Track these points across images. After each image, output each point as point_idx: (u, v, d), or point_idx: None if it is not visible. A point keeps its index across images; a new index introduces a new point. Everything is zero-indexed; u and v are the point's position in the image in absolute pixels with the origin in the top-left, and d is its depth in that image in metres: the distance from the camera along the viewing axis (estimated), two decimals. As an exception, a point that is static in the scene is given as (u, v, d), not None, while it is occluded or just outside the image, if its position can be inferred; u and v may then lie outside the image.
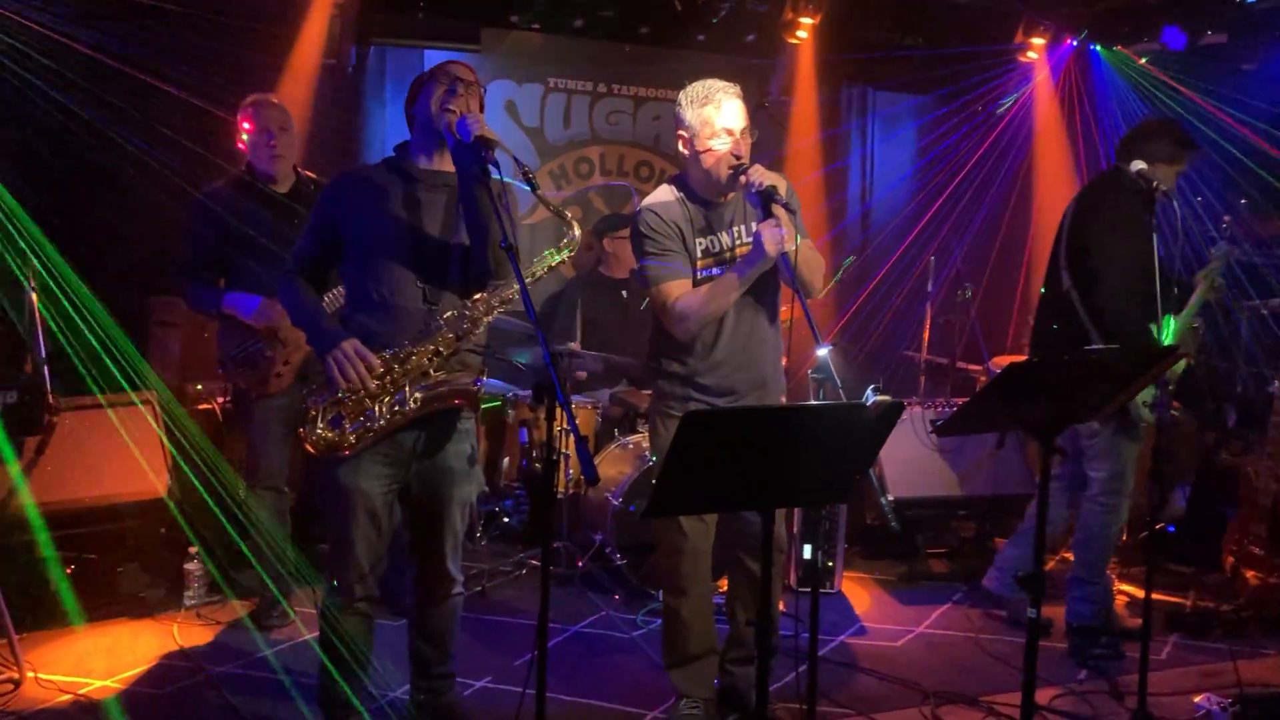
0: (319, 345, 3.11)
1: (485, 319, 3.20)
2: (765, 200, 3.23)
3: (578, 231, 3.29)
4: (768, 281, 3.50)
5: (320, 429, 3.08)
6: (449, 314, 3.14)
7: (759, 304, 3.54)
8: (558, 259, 3.30)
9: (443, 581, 3.34)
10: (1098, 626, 4.42)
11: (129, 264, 5.05)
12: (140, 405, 4.86)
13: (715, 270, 3.47)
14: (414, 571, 3.40)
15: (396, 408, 3.08)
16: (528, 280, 3.15)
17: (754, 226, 3.44)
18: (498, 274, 3.13)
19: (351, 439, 3.07)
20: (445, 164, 3.18)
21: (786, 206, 3.23)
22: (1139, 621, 4.44)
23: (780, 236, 3.20)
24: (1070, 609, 4.49)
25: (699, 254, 3.48)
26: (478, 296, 3.19)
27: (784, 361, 3.83)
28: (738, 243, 3.51)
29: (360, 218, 3.15)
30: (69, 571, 4.68)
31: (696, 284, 3.45)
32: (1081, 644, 4.38)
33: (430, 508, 3.27)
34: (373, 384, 3.04)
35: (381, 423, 3.08)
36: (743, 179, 3.31)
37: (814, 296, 3.48)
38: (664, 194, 3.54)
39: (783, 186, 3.27)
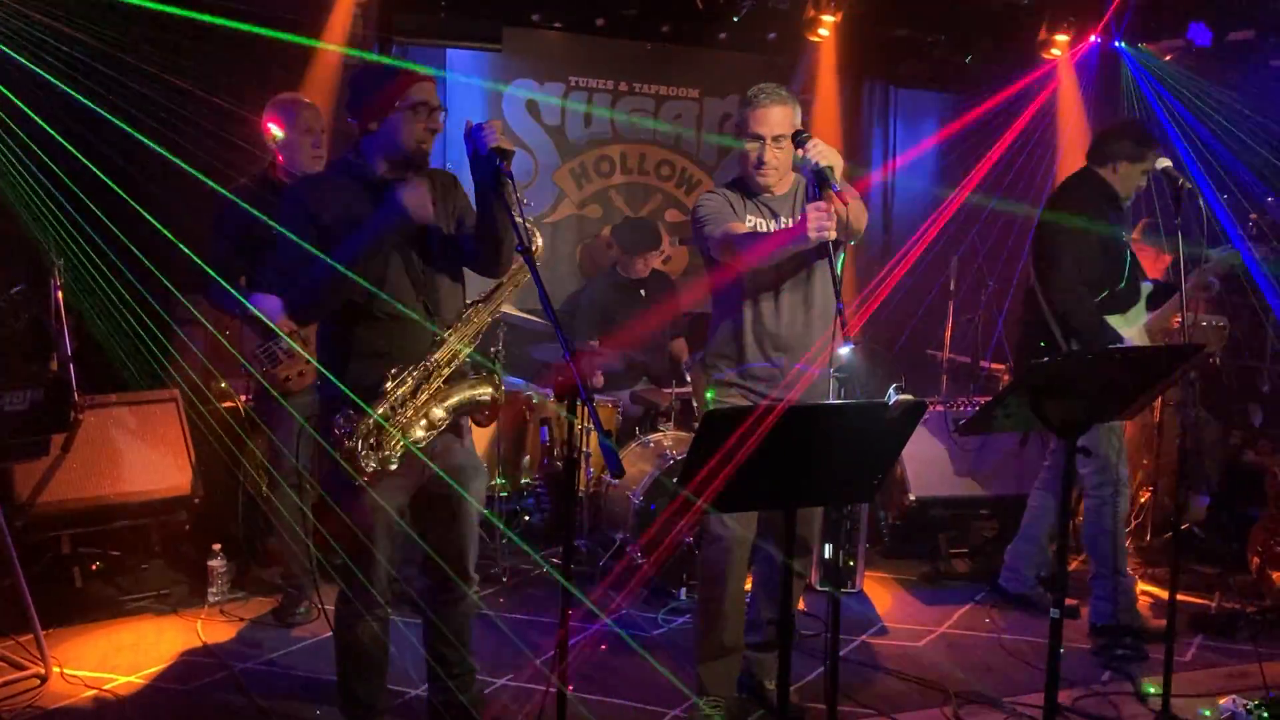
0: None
1: (486, 323, 3.22)
2: (819, 180, 3.18)
3: (540, 244, 3.26)
4: (815, 265, 3.53)
5: (364, 456, 3.03)
6: (454, 325, 3.15)
7: (811, 287, 3.57)
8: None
9: (462, 581, 3.33)
10: (1120, 625, 4.40)
11: (153, 262, 5.08)
12: (164, 404, 4.90)
13: None
14: (429, 572, 3.38)
15: (428, 423, 3.09)
16: (512, 289, 3.23)
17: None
18: (503, 274, 3.20)
19: (391, 462, 3.06)
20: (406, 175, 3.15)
21: (840, 195, 3.17)
22: (1164, 622, 4.44)
23: (825, 223, 3.13)
24: (1092, 608, 4.47)
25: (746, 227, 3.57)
26: (474, 305, 3.21)
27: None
28: None
29: (344, 226, 3.04)
30: (94, 568, 4.72)
31: None
32: (1105, 643, 4.36)
33: (446, 508, 3.26)
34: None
35: (420, 438, 3.09)
36: (800, 151, 3.29)
37: (857, 237, 3.49)
38: (721, 186, 3.71)
39: (838, 169, 3.22)
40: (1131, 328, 4.45)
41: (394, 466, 3.05)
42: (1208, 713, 3.69)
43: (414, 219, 3.04)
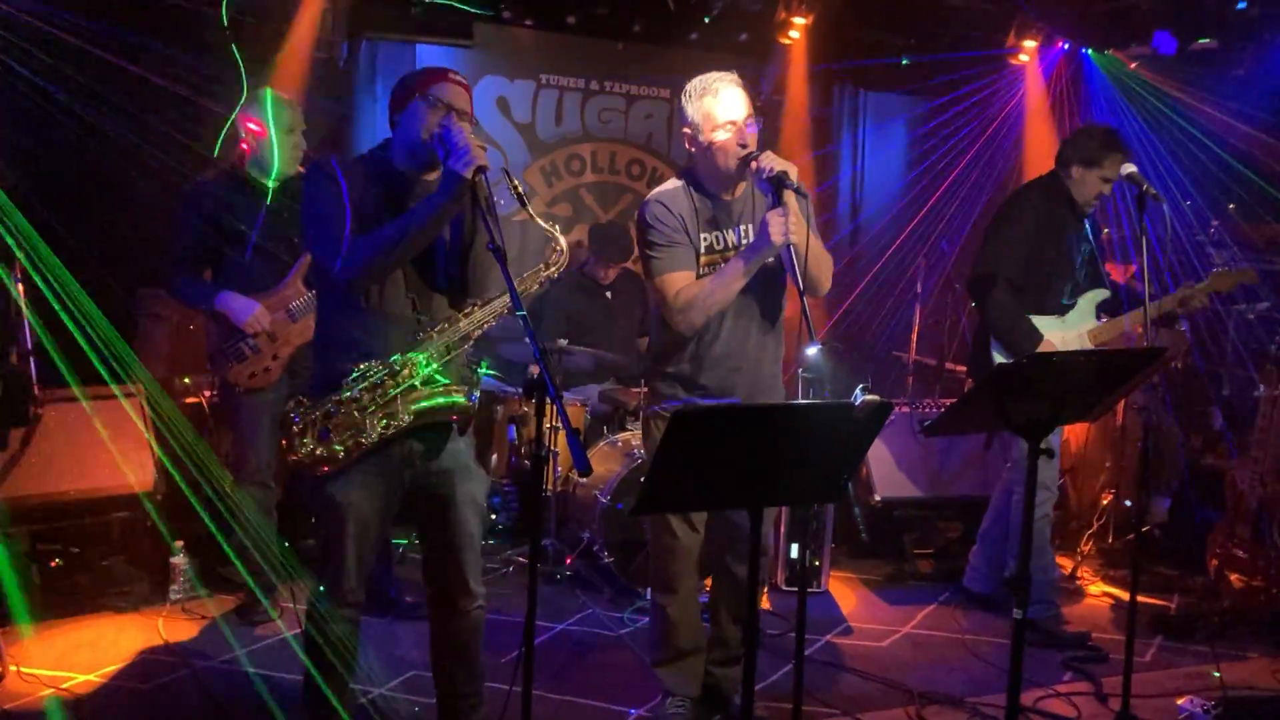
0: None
1: (476, 332, 3.12)
2: (776, 186, 3.13)
3: (564, 246, 3.21)
4: (772, 280, 3.46)
5: (307, 442, 2.99)
6: (440, 326, 3.06)
7: (761, 303, 3.48)
8: (544, 274, 3.22)
9: (461, 595, 3.21)
10: (1035, 620, 4.43)
11: (117, 256, 5.03)
12: (127, 399, 4.84)
13: (720, 266, 3.41)
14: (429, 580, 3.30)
15: (388, 422, 3.00)
16: (499, 306, 3.14)
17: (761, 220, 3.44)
18: (482, 285, 3.08)
19: (339, 453, 2.99)
20: (428, 174, 3.09)
21: (799, 191, 3.14)
22: (1083, 631, 4.53)
23: (787, 226, 3.11)
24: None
25: (703, 249, 3.43)
26: (469, 309, 3.10)
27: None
28: (744, 240, 3.44)
29: (359, 211, 3.01)
30: (53, 565, 4.66)
31: (699, 278, 3.41)
32: (1038, 640, 4.41)
33: (436, 514, 3.18)
34: None
35: (374, 437, 2.99)
36: (753, 165, 3.23)
37: (819, 295, 3.44)
38: (672, 186, 3.49)
39: (794, 173, 3.18)
40: (1069, 331, 4.46)
41: (340, 457, 2.97)
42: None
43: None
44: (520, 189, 3.00)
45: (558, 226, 3.24)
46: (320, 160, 3.10)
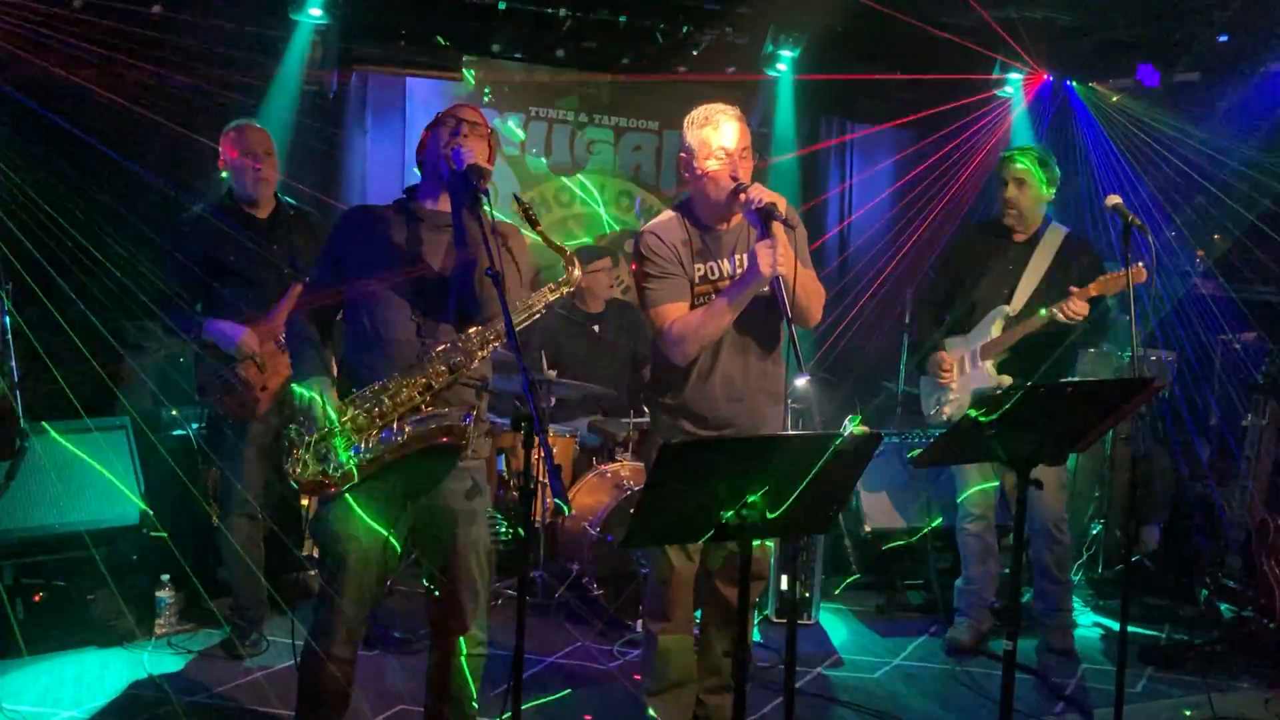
0: (294, 374, 3.17)
1: (479, 353, 3.11)
2: (764, 218, 3.16)
3: (578, 272, 3.24)
4: (768, 310, 3.44)
5: (306, 463, 3.00)
6: (441, 347, 3.06)
7: (756, 333, 3.49)
8: (553, 296, 3.22)
9: (459, 637, 3.17)
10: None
11: (105, 288, 5.03)
12: (114, 431, 4.82)
13: (713, 297, 3.42)
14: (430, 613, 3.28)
15: (384, 441, 3.00)
16: (525, 317, 3.16)
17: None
18: (484, 301, 3.04)
19: (338, 474, 2.98)
20: (444, 204, 3.15)
21: (786, 224, 3.18)
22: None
23: (775, 257, 3.13)
24: None
25: (697, 279, 3.46)
26: (472, 330, 3.10)
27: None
28: (738, 270, 3.44)
29: (360, 253, 3.12)
30: (37, 599, 4.62)
31: (694, 309, 3.43)
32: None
33: (439, 558, 3.16)
34: (325, 418, 3.00)
35: (368, 457, 2.99)
36: (742, 196, 3.26)
37: (809, 325, 3.47)
38: (667, 218, 3.53)
39: (782, 205, 3.22)
40: (966, 347, 4.68)
41: (339, 478, 2.98)
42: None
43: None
44: (531, 211, 3.08)
45: (571, 250, 3.29)
46: (350, 213, 3.31)
